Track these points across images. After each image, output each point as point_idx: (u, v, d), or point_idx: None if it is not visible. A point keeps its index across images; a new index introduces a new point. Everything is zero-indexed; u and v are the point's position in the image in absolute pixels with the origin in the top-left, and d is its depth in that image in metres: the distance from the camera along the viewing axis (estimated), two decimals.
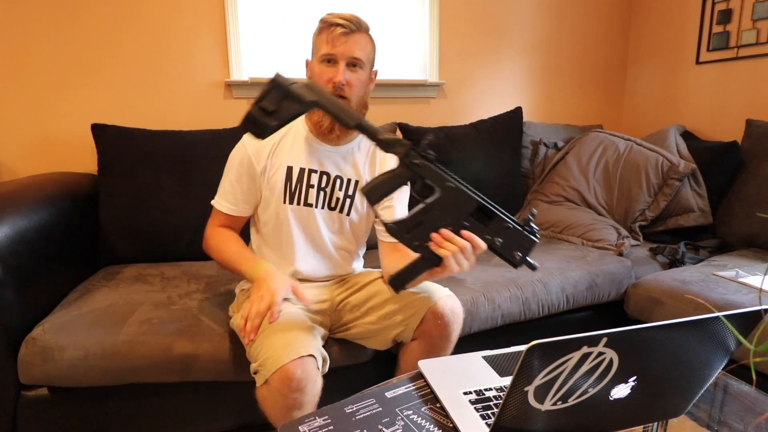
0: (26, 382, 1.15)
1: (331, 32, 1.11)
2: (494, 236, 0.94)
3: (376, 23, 2.18)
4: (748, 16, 2.16)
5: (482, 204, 0.94)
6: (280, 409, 0.97)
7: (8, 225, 1.20)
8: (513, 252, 0.94)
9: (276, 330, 1.03)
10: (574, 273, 1.62)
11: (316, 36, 1.16)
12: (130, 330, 1.18)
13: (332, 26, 1.11)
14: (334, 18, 1.12)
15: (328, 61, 1.12)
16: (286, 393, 0.95)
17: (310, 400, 0.98)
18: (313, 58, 1.16)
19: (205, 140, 1.76)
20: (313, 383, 0.98)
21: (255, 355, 1.03)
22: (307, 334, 1.04)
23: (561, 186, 2.16)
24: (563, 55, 2.60)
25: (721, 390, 0.85)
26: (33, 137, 1.82)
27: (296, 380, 0.94)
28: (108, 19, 1.83)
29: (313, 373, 0.98)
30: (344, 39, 1.10)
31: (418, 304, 1.14)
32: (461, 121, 2.35)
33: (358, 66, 1.13)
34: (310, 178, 1.18)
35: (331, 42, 1.10)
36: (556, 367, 0.54)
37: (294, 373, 0.94)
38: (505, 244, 0.94)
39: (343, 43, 1.10)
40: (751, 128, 2.02)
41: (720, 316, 0.55)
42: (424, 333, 1.13)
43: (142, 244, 1.68)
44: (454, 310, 1.14)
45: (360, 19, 1.14)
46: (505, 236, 0.93)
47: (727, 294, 1.42)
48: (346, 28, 1.10)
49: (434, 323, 1.12)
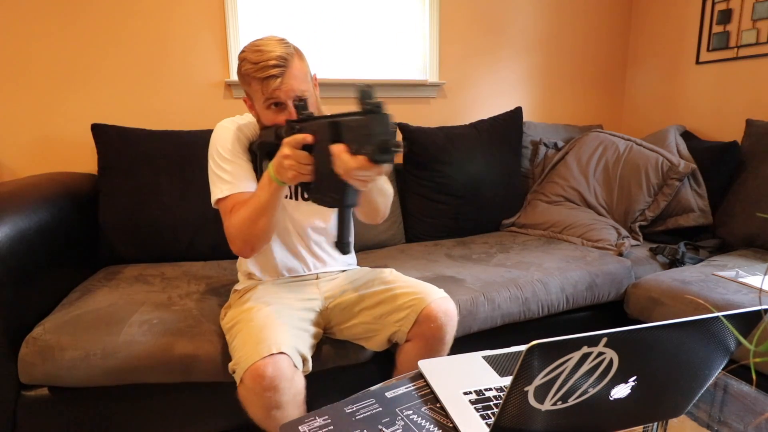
0: (26, 382, 1.15)
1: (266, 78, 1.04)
2: (351, 146, 0.86)
3: (376, 23, 2.18)
4: (748, 16, 2.16)
5: (330, 122, 0.91)
6: (258, 408, 0.96)
7: (8, 225, 1.20)
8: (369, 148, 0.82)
9: (252, 327, 1.02)
10: (574, 273, 1.62)
11: (244, 79, 1.09)
12: (130, 330, 1.18)
13: (263, 70, 1.04)
14: (261, 59, 1.04)
15: (275, 105, 1.08)
16: (260, 392, 0.93)
17: (289, 399, 0.96)
18: (255, 102, 1.11)
19: (205, 140, 1.72)
20: (289, 382, 0.96)
21: (233, 354, 1.02)
22: (283, 332, 1.02)
23: (561, 186, 2.16)
24: (563, 55, 2.60)
25: (721, 390, 0.85)
26: (33, 137, 1.82)
27: (268, 378, 0.92)
28: (108, 19, 1.83)
29: (287, 372, 0.96)
30: (280, 80, 1.05)
31: (411, 305, 1.13)
32: (461, 121, 2.36)
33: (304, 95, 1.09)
34: None
35: (269, 88, 1.05)
36: (556, 367, 0.53)
37: (265, 371, 0.93)
38: (359, 145, 0.84)
39: (282, 83, 1.05)
40: (751, 128, 2.02)
41: (720, 316, 0.55)
42: (418, 335, 1.12)
43: (142, 244, 1.68)
44: (447, 313, 1.12)
45: (284, 44, 1.08)
46: (356, 140, 0.85)
47: (727, 294, 1.42)
48: (279, 67, 1.04)
49: (428, 325, 1.11)
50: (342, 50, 2.17)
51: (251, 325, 1.04)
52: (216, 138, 1.18)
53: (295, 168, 0.97)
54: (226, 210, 1.13)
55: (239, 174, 1.14)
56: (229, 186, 1.13)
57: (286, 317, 1.10)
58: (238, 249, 1.12)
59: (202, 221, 1.71)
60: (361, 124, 0.83)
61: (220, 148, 1.16)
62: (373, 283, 1.22)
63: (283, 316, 1.09)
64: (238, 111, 1.73)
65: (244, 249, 1.12)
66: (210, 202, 1.18)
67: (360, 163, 0.84)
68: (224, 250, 1.73)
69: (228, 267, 1.65)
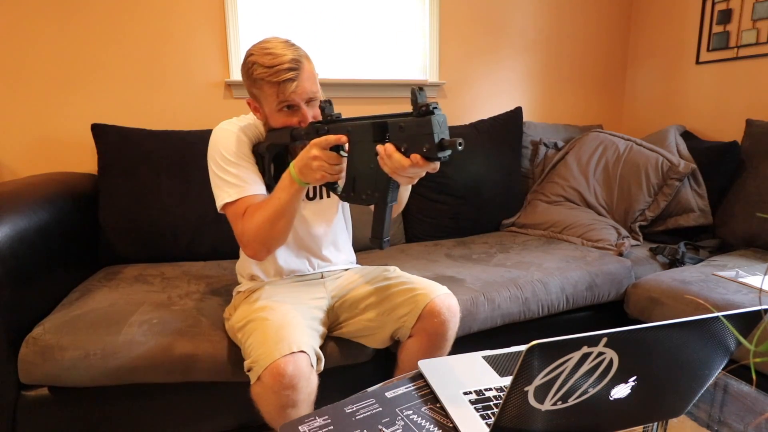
0: (26, 382, 1.15)
1: (283, 83, 1.05)
2: (401, 145, 0.87)
3: (375, 23, 2.18)
4: (748, 16, 2.16)
5: (375, 123, 0.92)
6: (274, 407, 0.96)
7: (8, 225, 1.20)
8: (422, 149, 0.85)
9: (269, 326, 1.02)
10: (574, 273, 1.62)
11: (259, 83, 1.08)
12: (130, 330, 1.18)
13: (278, 74, 1.05)
14: (275, 63, 1.05)
15: (288, 107, 1.09)
16: (278, 390, 0.94)
17: (305, 398, 0.97)
18: (264, 105, 1.11)
19: (205, 140, 1.73)
20: (306, 380, 0.97)
21: (249, 352, 1.02)
22: (300, 331, 1.03)
23: (561, 186, 2.16)
24: (563, 55, 2.60)
25: (721, 390, 0.85)
26: (33, 137, 1.82)
27: (288, 377, 0.93)
28: (108, 19, 1.83)
29: (306, 370, 0.97)
30: (296, 83, 1.06)
31: (414, 301, 1.13)
32: (461, 121, 2.35)
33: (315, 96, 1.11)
34: None
35: (284, 90, 1.06)
36: (556, 367, 0.53)
37: (285, 369, 0.93)
38: (410, 146, 0.86)
39: (297, 86, 1.06)
40: (751, 128, 2.02)
41: (720, 316, 0.55)
42: (421, 330, 1.13)
43: (142, 244, 1.68)
44: (450, 308, 1.13)
45: (294, 47, 1.09)
46: (407, 139, 0.86)
47: (727, 294, 1.42)
48: (294, 71, 1.05)
49: (431, 321, 1.11)
50: (342, 50, 2.17)
51: (267, 323, 1.03)
52: (217, 141, 1.15)
53: (324, 168, 0.98)
54: (237, 214, 1.11)
55: (247, 177, 1.12)
56: (237, 189, 1.11)
57: (301, 316, 1.10)
58: (253, 252, 1.11)
59: (202, 221, 1.70)
60: (420, 123, 0.84)
61: (224, 151, 1.13)
62: (377, 279, 1.23)
63: (298, 315, 1.09)
64: (238, 111, 1.73)
65: (260, 252, 1.11)
66: (211, 203, 1.16)
67: (415, 160, 0.85)
68: (224, 250, 1.75)
69: (228, 267, 1.65)
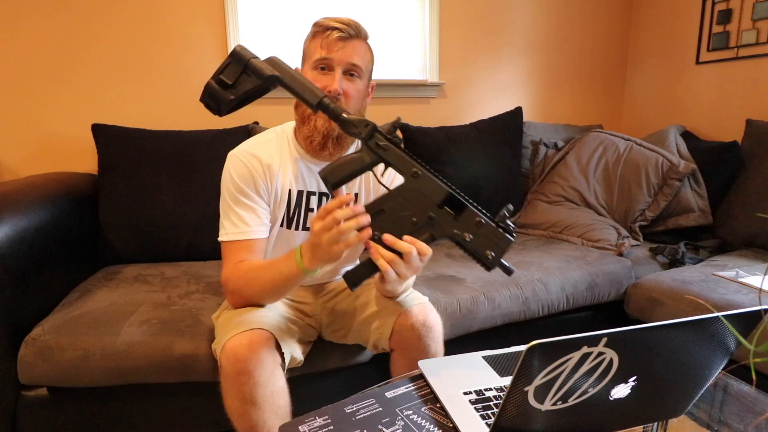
0: (26, 382, 1.15)
1: (327, 36, 0.99)
2: (464, 231, 0.84)
3: (375, 23, 2.18)
4: (748, 16, 2.16)
5: (452, 194, 0.85)
6: (234, 399, 0.90)
7: (8, 225, 1.20)
8: (485, 251, 0.84)
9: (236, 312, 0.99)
10: (574, 273, 1.62)
11: (308, 41, 1.04)
12: (130, 330, 1.18)
13: (328, 30, 1.00)
14: (331, 22, 1.01)
15: (322, 68, 1.01)
16: (235, 375, 0.88)
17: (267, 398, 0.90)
18: (304, 65, 1.05)
19: (205, 140, 1.76)
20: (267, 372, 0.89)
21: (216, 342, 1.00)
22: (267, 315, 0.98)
23: (561, 186, 2.16)
24: (563, 55, 2.60)
25: (721, 390, 0.85)
26: (33, 137, 1.82)
27: (242, 357, 0.87)
28: (109, 19, 1.83)
29: (263, 354, 0.90)
30: (341, 44, 0.99)
31: (387, 313, 1.05)
32: (461, 121, 2.35)
33: (356, 75, 1.02)
34: (309, 201, 1.11)
35: (327, 47, 0.99)
36: (556, 367, 0.53)
37: (240, 346, 0.88)
38: (476, 241, 0.84)
39: (341, 48, 0.99)
40: (751, 128, 2.02)
41: (720, 316, 0.55)
42: (399, 344, 1.04)
43: (142, 244, 1.68)
44: (426, 323, 1.01)
45: (359, 25, 1.03)
46: (477, 232, 0.84)
47: (727, 294, 1.42)
48: (344, 32, 0.99)
49: (402, 336, 1.02)
50: None
51: (236, 311, 1.01)
52: (227, 171, 1.08)
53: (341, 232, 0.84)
54: (229, 254, 1.06)
55: (250, 219, 1.06)
56: (236, 231, 1.05)
57: (274, 306, 1.07)
58: (232, 302, 1.05)
59: (202, 221, 1.70)
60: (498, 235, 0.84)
61: (231, 185, 1.07)
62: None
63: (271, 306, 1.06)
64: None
65: (238, 303, 1.04)
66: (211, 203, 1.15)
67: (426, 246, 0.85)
68: None
69: None
